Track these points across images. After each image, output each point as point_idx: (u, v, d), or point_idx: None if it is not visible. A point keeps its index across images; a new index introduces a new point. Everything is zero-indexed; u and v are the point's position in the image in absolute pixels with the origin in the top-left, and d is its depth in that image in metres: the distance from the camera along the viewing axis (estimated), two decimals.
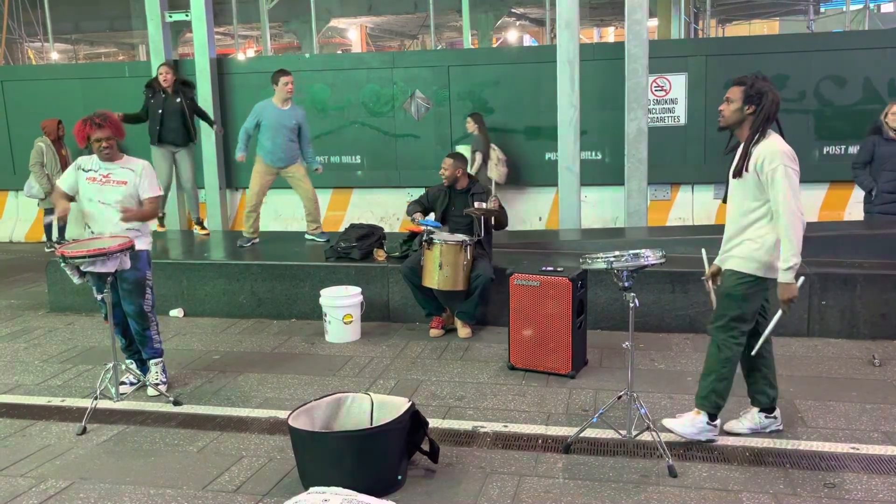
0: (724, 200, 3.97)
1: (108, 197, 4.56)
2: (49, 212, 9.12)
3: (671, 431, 3.84)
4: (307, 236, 7.36)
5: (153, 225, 7.62)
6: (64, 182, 4.66)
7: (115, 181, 4.57)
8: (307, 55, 11.79)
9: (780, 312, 3.62)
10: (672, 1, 15.75)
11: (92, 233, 4.59)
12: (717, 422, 3.84)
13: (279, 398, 4.64)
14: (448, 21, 20.93)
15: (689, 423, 3.83)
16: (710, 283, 3.95)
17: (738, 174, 3.60)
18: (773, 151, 3.48)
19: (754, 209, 3.59)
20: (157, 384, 4.71)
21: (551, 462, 3.71)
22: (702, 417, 3.80)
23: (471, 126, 8.73)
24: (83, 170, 4.61)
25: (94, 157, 4.65)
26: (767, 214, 3.56)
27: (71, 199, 4.69)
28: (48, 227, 9.19)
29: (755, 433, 3.91)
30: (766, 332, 3.76)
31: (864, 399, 4.37)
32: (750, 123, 3.59)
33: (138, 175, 4.60)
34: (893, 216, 6.90)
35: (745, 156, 3.57)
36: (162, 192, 4.78)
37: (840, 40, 9.39)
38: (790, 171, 3.46)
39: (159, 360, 4.79)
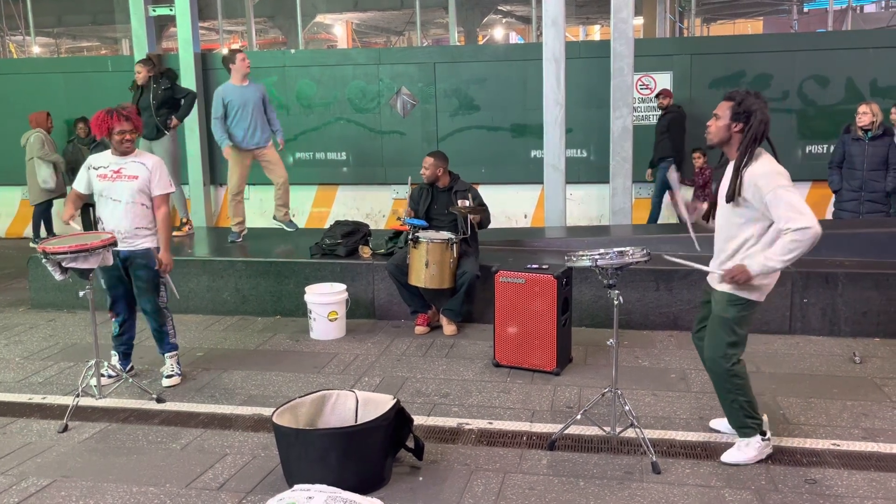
0: (706, 218, 3.78)
1: (117, 193, 4.57)
2: (40, 206, 8.97)
3: (736, 465, 3.58)
4: (275, 220, 7.28)
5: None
6: (79, 183, 4.70)
7: (128, 176, 4.57)
8: (293, 51, 11.73)
9: (706, 269, 3.58)
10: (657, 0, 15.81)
11: (103, 229, 4.60)
12: (768, 432, 3.66)
13: (263, 395, 4.62)
14: (434, 18, 20.89)
15: (744, 449, 3.62)
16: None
17: (730, 198, 3.43)
18: (765, 173, 3.35)
19: (743, 233, 3.47)
20: (172, 375, 4.81)
21: (536, 459, 3.72)
22: (755, 438, 3.62)
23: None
24: (93, 168, 4.64)
25: (105, 153, 4.69)
26: (754, 237, 3.45)
27: (83, 200, 4.78)
28: (48, 222, 9.10)
29: None
30: (690, 263, 3.62)
31: (845, 396, 4.41)
32: (738, 142, 3.45)
33: (150, 170, 4.60)
34: (858, 215, 6.96)
35: (737, 179, 3.41)
36: (174, 189, 4.76)
37: (823, 40, 9.47)
38: (789, 188, 3.33)
39: (174, 353, 4.88)
